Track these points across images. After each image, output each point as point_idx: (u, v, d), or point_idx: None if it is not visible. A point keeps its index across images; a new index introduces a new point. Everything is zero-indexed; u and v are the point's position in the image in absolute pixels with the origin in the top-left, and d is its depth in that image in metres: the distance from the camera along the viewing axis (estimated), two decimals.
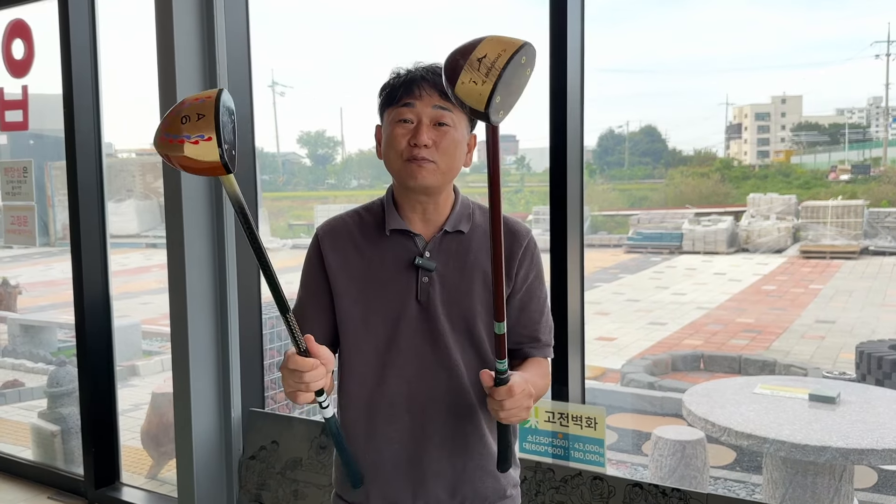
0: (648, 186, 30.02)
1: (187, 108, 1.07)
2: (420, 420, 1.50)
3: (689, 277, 15.13)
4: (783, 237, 18.12)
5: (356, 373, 1.53)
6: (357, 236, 1.54)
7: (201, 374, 3.08)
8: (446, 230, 1.51)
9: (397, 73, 1.48)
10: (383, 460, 1.52)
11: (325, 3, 48.34)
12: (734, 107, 42.65)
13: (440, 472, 1.51)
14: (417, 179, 1.44)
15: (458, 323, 1.49)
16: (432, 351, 1.49)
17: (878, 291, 12.82)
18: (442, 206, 1.52)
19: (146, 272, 13.15)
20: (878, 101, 38.25)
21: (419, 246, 1.51)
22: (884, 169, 26.84)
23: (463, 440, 1.51)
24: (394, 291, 1.49)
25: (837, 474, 3.42)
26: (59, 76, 3.44)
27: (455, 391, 1.50)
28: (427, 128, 1.43)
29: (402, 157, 1.44)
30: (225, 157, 1.04)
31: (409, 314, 1.49)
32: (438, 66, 1.46)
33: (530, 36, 1.22)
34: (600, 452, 2.52)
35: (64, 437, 3.95)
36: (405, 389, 1.50)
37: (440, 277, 1.49)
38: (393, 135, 1.45)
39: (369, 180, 32.03)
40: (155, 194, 17.45)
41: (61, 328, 7.46)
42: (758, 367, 7.59)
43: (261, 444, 3.13)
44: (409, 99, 1.44)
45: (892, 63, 31.73)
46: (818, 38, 56.06)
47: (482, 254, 1.51)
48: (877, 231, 17.52)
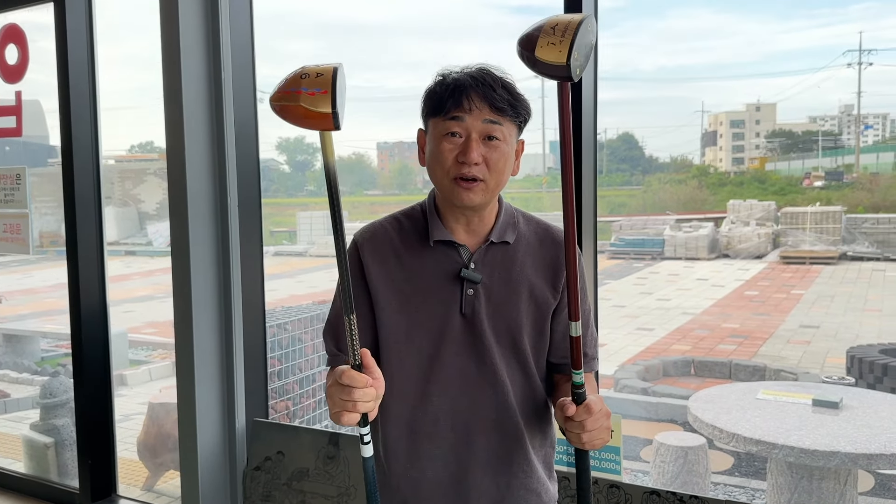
0: (627, 193, 30.23)
1: (308, 70, 1.14)
2: (464, 437, 1.45)
3: (672, 283, 15.23)
4: (763, 243, 18.31)
5: (398, 388, 1.46)
6: (398, 245, 1.48)
7: (206, 384, 3.02)
8: (492, 241, 1.45)
9: (443, 78, 1.40)
10: (426, 478, 1.46)
11: (303, 8, 48.23)
12: (710, 114, 43.10)
13: (484, 492, 1.46)
14: (464, 201, 1.38)
15: (503, 337, 1.44)
16: (477, 366, 1.44)
17: (858, 296, 12.99)
18: (487, 217, 1.46)
19: (127, 280, 12.97)
20: (849, 108, 38.85)
21: (463, 257, 1.45)
22: (856, 175, 27.25)
23: (507, 458, 1.46)
24: (437, 304, 1.44)
25: (843, 479, 3.43)
26: (38, 81, 3.39)
27: (500, 408, 1.45)
28: (477, 143, 1.36)
29: (449, 174, 1.38)
30: (336, 111, 1.10)
31: (453, 328, 1.43)
32: (488, 71, 1.39)
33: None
34: (616, 460, 2.51)
35: (58, 450, 3.86)
36: (448, 406, 1.44)
37: (485, 290, 1.43)
38: (440, 150, 1.38)
39: (349, 186, 31.95)
40: (133, 201, 17.23)
41: (45, 337, 7.33)
42: (748, 373, 7.65)
43: (266, 454, 3.08)
44: (457, 112, 1.36)
45: (863, 72, 32.23)
46: (791, 47, 56.91)
47: (528, 265, 1.46)
48: (854, 237, 17.76)
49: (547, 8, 22.77)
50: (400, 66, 65.41)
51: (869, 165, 28.77)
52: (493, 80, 1.37)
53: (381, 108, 52.51)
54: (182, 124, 2.91)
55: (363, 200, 29.75)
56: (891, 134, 39.61)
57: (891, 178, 25.50)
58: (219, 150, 3.02)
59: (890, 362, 6.38)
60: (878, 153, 30.64)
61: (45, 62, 3.56)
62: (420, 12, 59.53)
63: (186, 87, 2.90)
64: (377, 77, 69.64)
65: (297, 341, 4.01)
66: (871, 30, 48.91)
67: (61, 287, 3.55)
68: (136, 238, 17.11)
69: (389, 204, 27.34)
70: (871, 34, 54.73)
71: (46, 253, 6.38)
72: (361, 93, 6.86)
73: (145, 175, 18.70)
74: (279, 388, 3.80)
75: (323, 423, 4.05)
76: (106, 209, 3.51)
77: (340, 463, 2.91)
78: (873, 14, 49.31)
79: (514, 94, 1.39)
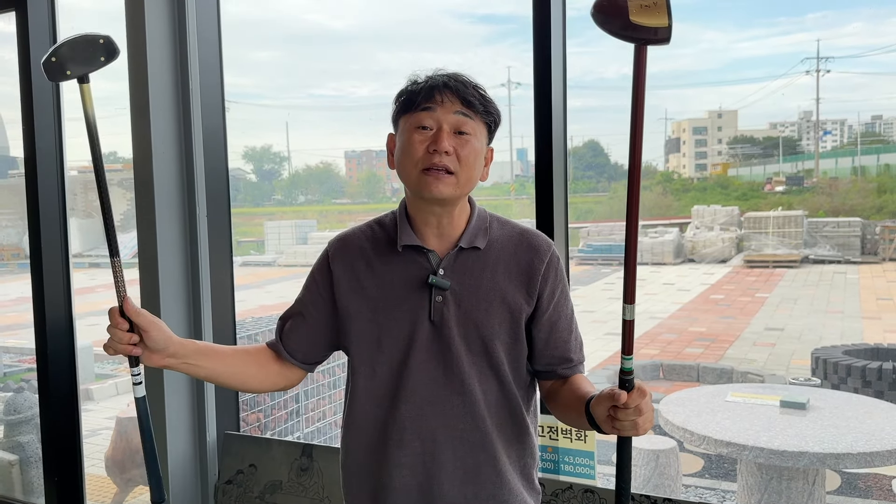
0: (593, 199, 30.53)
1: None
2: (431, 447, 1.43)
3: (639, 288, 15.12)
4: (727, 247, 18.60)
5: (367, 395, 1.46)
6: (369, 252, 1.48)
7: (176, 397, 2.97)
8: (461, 246, 1.44)
9: (415, 80, 1.42)
10: (392, 486, 1.45)
11: (269, 17, 47.93)
12: (673, 122, 43.73)
13: (450, 501, 1.44)
14: (433, 191, 1.37)
15: (474, 345, 1.43)
16: (445, 375, 1.42)
17: (821, 298, 13.25)
18: (457, 220, 1.45)
19: (91, 292, 12.77)
20: (808, 115, 39.71)
21: (433, 263, 1.44)
22: (816, 180, 27.82)
23: (475, 469, 1.44)
24: (406, 311, 1.43)
25: (811, 478, 3.48)
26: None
27: (467, 417, 1.43)
28: (448, 135, 1.37)
29: (418, 166, 1.38)
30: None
31: (421, 335, 1.42)
32: (459, 73, 1.42)
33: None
34: (591, 465, 2.52)
35: (23, 467, 3.78)
36: (416, 414, 1.43)
37: (455, 296, 1.42)
38: (410, 141, 1.39)
39: (317, 195, 31.80)
40: (97, 212, 16.97)
41: (7, 352, 7.17)
42: (715, 375, 7.75)
43: (238, 468, 3.04)
44: (429, 104, 1.38)
45: (821, 79, 32.97)
46: (751, 55, 57.96)
47: (500, 271, 1.45)
48: (816, 240, 18.11)
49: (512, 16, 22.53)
50: (367, 75, 65.23)
51: (828, 170, 29.42)
52: (464, 80, 1.41)
53: (349, 116, 52.33)
54: (149, 133, 2.87)
55: (331, 209, 29.63)
56: (849, 139, 40.54)
57: (849, 183, 26.09)
58: (187, 159, 2.98)
59: (853, 363, 6.51)
60: (837, 158, 31.36)
61: (5, 71, 3.49)
62: (386, 21, 59.50)
63: (154, 96, 2.86)
64: (344, 86, 69.34)
65: None
66: (829, 38, 50.10)
67: (23, 301, 3.48)
68: (99, 250, 16.84)
69: (357, 212, 27.27)
70: (829, 42, 56.05)
71: (7, 266, 6.23)
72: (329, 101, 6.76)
73: (109, 186, 18.41)
74: (250, 399, 3.76)
75: (295, 434, 4.02)
76: (69, 221, 3.45)
77: (314, 474, 2.89)
78: (830, 22, 50.53)
79: (485, 95, 1.43)
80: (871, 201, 22.72)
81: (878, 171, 26.98)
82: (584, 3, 1.22)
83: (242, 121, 33.14)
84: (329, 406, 4.25)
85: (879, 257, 17.47)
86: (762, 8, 51.48)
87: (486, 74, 6.31)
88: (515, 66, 33.30)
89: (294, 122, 55.47)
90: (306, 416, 4.12)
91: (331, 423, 4.26)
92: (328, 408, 4.26)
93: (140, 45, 2.84)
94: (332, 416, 4.26)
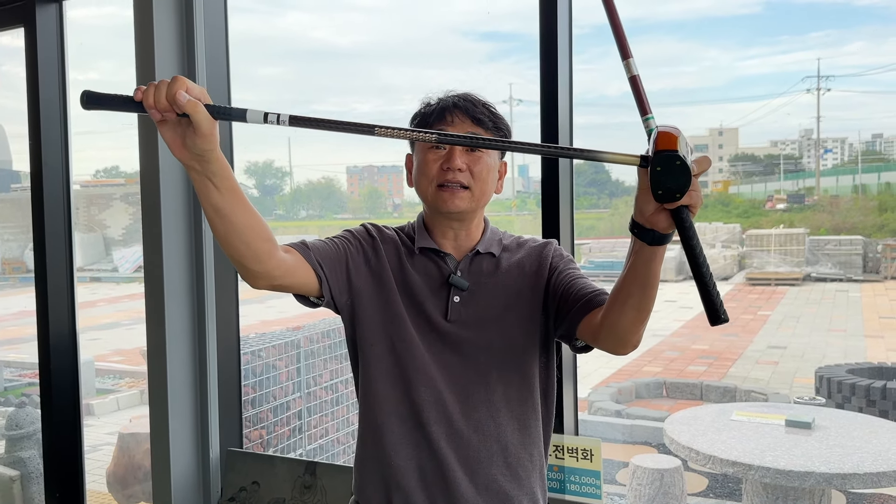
0: (595, 216, 30.53)
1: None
2: (447, 437, 1.48)
3: None
4: (729, 265, 18.57)
5: (384, 390, 1.50)
6: (397, 246, 1.54)
7: (179, 413, 2.96)
8: (478, 251, 1.52)
9: (428, 102, 1.50)
10: (409, 467, 1.49)
11: (274, 34, 48.26)
12: None
13: (464, 488, 1.49)
14: (449, 205, 1.44)
15: (490, 344, 1.48)
16: (462, 371, 1.48)
17: (823, 317, 13.21)
18: (473, 233, 1.54)
19: (92, 307, 12.76)
20: (809, 133, 39.85)
21: (450, 265, 1.51)
22: (817, 198, 27.84)
23: (488, 458, 1.49)
24: (424, 310, 1.49)
25: (817, 498, 3.46)
26: (1, 105, 3.33)
27: (484, 408, 1.48)
28: (460, 153, 1.44)
29: (433, 182, 1.45)
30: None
31: (439, 333, 1.48)
32: (470, 93, 1.50)
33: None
34: (597, 484, 2.50)
35: (24, 483, 3.76)
36: (433, 407, 1.47)
37: (472, 296, 1.49)
38: (425, 160, 1.46)
39: (319, 210, 31.85)
40: (99, 227, 16.99)
41: (7, 367, 7.15)
42: (719, 394, 7.71)
43: (241, 485, 3.02)
44: (440, 125, 1.46)
45: (822, 97, 33.07)
46: (753, 73, 58.27)
47: (514, 272, 1.51)
48: (818, 258, 18.10)
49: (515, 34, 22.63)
50: (370, 91, 65.53)
51: (829, 188, 29.43)
52: (473, 99, 1.49)
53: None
54: (157, 147, 2.88)
55: (333, 224, 29.67)
56: (849, 157, 40.60)
57: (850, 201, 26.10)
58: None
59: (857, 382, 6.49)
60: (838, 176, 31.38)
61: (9, 86, 3.50)
62: (390, 37, 59.87)
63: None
64: (347, 101, 69.65)
65: (271, 368, 3.97)
66: (829, 56, 50.32)
67: (24, 315, 3.47)
68: (101, 264, 16.85)
69: None
70: (829, 61, 56.23)
71: (8, 280, 6.23)
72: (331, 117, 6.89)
73: (111, 200, 18.49)
74: (253, 416, 3.74)
75: (298, 451, 4.00)
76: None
77: (318, 492, 2.87)
78: (831, 41, 50.76)
79: (494, 112, 1.51)
80: (872, 219, 22.73)
81: (879, 190, 27.02)
82: (587, 21, 1.21)
83: (245, 136, 33.24)
84: (332, 423, 4.24)
85: (881, 275, 17.44)
86: (765, 27, 51.76)
87: (489, 91, 6.39)
88: (518, 83, 33.52)
89: (296, 137, 55.68)
90: (309, 432, 4.10)
91: (333, 441, 4.24)
92: (331, 424, 4.24)
93: (149, 61, 2.86)
94: (335, 433, 4.25)
